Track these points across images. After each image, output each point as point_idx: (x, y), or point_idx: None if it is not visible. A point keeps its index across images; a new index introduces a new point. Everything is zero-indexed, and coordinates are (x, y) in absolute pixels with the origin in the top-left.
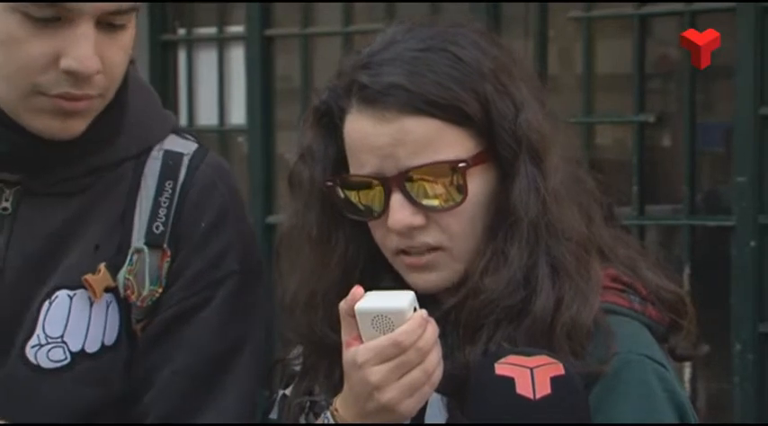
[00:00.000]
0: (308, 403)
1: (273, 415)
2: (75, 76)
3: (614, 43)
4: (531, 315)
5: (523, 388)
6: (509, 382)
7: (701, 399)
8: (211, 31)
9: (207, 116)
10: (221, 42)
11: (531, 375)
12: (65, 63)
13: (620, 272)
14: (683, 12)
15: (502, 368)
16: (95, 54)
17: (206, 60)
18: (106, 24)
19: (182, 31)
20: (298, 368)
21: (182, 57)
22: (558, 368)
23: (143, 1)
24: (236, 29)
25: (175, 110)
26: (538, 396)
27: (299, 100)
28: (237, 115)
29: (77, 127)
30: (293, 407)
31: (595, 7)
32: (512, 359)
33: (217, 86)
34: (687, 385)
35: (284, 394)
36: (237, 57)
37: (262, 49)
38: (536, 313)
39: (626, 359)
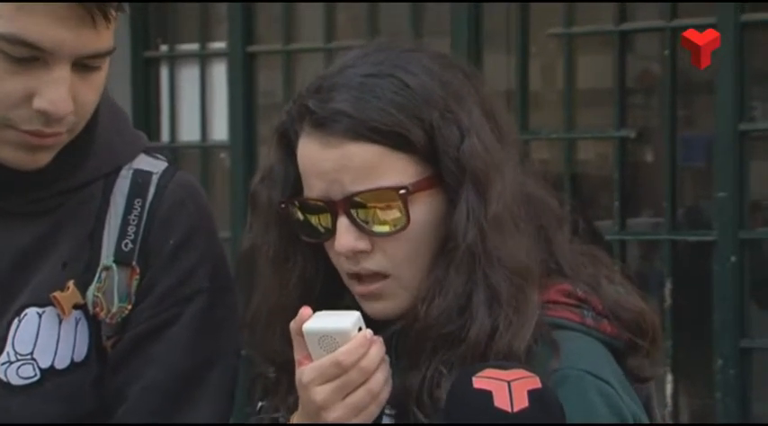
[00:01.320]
0: (282, 420)
1: None
2: (47, 116)
3: (595, 59)
4: (466, 343)
5: (501, 401)
6: (487, 395)
7: (683, 415)
8: (194, 47)
9: (189, 132)
10: (203, 59)
11: (508, 388)
12: (38, 103)
13: (576, 288)
14: (664, 28)
15: (479, 381)
16: (69, 96)
17: (188, 76)
18: (81, 66)
19: (164, 48)
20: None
21: (164, 73)
22: (535, 382)
23: None
24: (219, 45)
25: (158, 126)
26: (515, 409)
27: None
28: (220, 131)
29: (44, 159)
30: (265, 422)
31: (576, 23)
32: (489, 372)
33: (199, 102)
34: (669, 400)
35: (262, 406)
36: (220, 73)
37: (244, 65)
38: (470, 340)
39: (564, 375)
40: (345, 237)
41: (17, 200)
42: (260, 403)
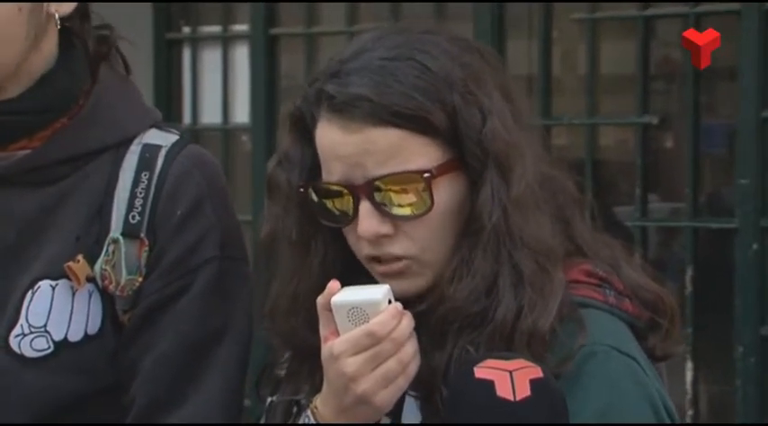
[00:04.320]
0: (295, 408)
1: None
2: None
3: (618, 45)
4: (493, 323)
5: (503, 391)
6: (489, 385)
7: (702, 402)
8: (216, 29)
9: (211, 114)
10: (226, 41)
11: (510, 378)
12: None
13: (597, 267)
14: (688, 14)
15: (481, 371)
16: None
17: (210, 59)
18: None
19: (186, 30)
20: (283, 373)
21: (186, 55)
22: (537, 371)
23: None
24: (241, 27)
25: (179, 108)
26: (518, 398)
27: None
28: (241, 113)
29: None
30: (279, 409)
31: (599, 9)
32: (490, 362)
33: (221, 85)
34: (689, 387)
35: (272, 401)
36: (242, 55)
37: (266, 48)
38: (497, 321)
39: (591, 350)
40: (368, 222)
41: (15, 167)
42: (269, 399)
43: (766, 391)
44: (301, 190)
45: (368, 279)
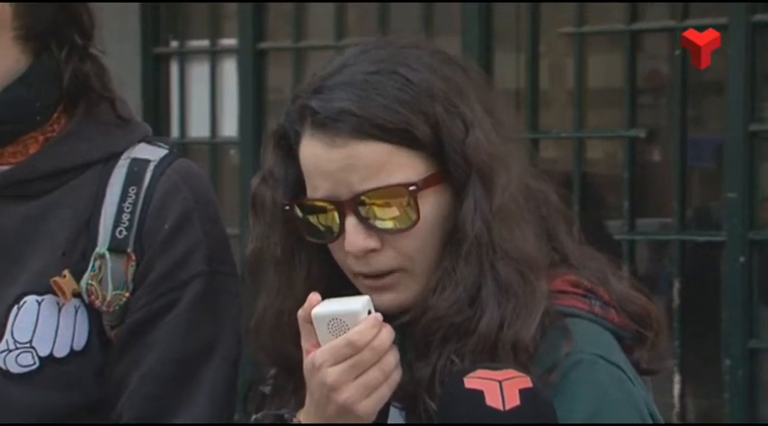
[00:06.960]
0: (279, 424)
1: None
2: None
3: (606, 58)
4: (477, 334)
5: (493, 400)
6: (479, 395)
7: (690, 414)
8: (204, 43)
9: (199, 128)
10: (214, 55)
11: (499, 387)
12: None
13: (582, 278)
14: (674, 27)
15: (471, 381)
16: None
17: (198, 73)
18: None
19: (174, 44)
20: (268, 390)
21: (174, 69)
22: (526, 381)
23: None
24: (229, 42)
25: (167, 122)
26: (507, 408)
27: None
28: (229, 127)
29: None
30: (264, 422)
31: (587, 22)
32: (480, 372)
33: (209, 99)
34: (676, 401)
35: (256, 418)
36: (230, 69)
37: (254, 62)
38: (481, 331)
39: (577, 359)
40: (355, 237)
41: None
42: (254, 417)
43: (754, 404)
44: (287, 207)
45: (354, 292)
